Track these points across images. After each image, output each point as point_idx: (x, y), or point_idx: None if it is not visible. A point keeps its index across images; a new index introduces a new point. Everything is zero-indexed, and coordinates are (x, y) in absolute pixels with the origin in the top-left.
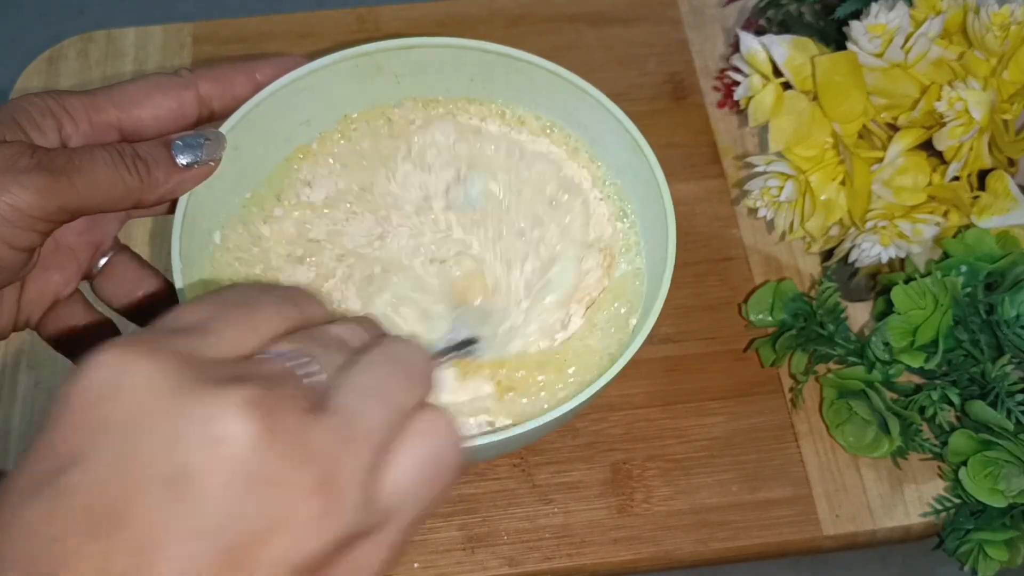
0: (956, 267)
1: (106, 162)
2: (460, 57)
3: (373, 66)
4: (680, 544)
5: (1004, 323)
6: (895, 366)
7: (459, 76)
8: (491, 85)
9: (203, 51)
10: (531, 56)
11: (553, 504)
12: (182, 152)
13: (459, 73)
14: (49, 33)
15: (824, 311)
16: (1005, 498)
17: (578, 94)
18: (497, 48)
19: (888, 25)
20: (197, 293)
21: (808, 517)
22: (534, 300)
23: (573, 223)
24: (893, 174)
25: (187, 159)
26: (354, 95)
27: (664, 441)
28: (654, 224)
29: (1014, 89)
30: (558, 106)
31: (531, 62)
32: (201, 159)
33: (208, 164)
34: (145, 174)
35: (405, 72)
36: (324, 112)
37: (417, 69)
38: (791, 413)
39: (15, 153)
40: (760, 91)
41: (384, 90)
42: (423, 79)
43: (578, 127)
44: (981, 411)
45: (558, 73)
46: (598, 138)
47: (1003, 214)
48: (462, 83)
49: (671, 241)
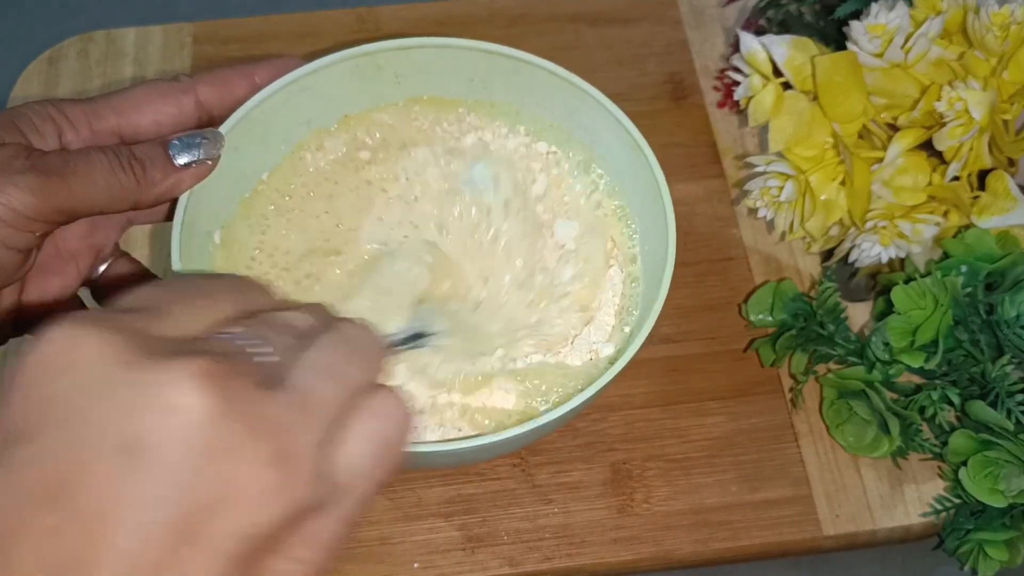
0: (956, 267)
1: (102, 163)
2: (460, 57)
3: (373, 66)
4: (680, 544)
5: (1004, 323)
6: (895, 366)
7: (459, 76)
8: (491, 85)
9: (203, 51)
10: (531, 56)
11: (553, 504)
12: (179, 151)
13: (459, 73)
14: (49, 33)
15: (824, 311)
16: (1005, 498)
17: (578, 95)
18: (498, 48)
19: (888, 25)
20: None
21: (808, 517)
22: (527, 305)
23: (569, 224)
24: (893, 174)
25: (184, 158)
26: (354, 95)
27: (664, 441)
28: (654, 224)
29: (1014, 89)
30: (558, 106)
31: (531, 62)
32: (199, 158)
33: (206, 163)
34: (141, 174)
35: (406, 72)
36: (324, 112)
37: (418, 69)
38: (791, 413)
39: (11, 155)
40: (760, 91)
41: (384, 90)
42: (424, 79)
43: (579, 127)
44: (981, 411)
45: (558, 73)
46: (598, 138)
47: (1003, 214)
48: (462, 83)
49: (671, 242)
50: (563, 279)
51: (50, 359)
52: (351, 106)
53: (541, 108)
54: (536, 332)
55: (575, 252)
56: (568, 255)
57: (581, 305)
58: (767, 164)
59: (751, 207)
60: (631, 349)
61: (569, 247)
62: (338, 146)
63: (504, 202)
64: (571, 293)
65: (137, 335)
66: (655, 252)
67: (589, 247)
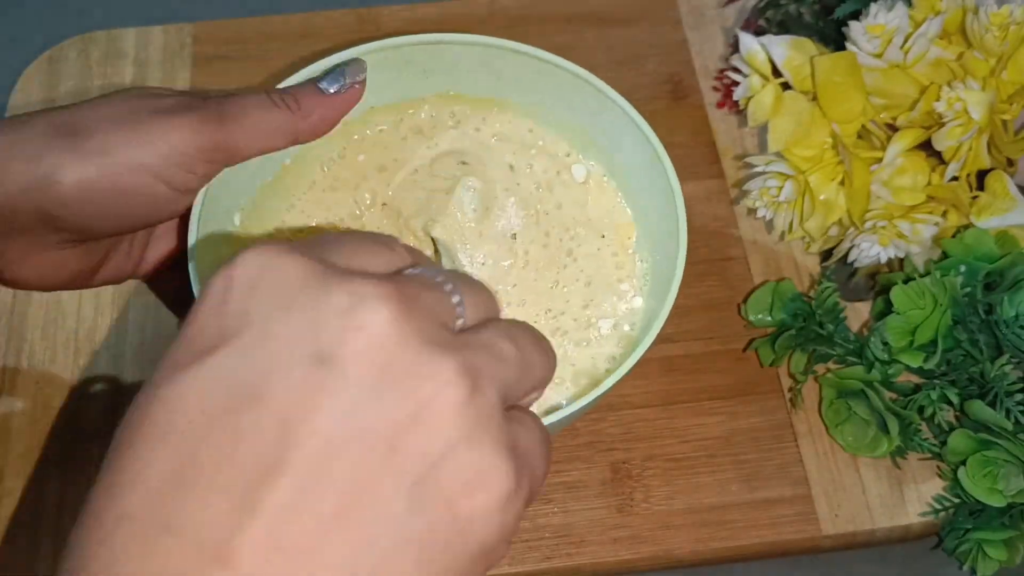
0: (955, 267)
1: (256, 102)
2: (488, 56)
3: (402, 60)
4: (680, 543)
5: (1003, 323)
6: (894, 366)
7: (487, 75)
8: (518, 85)
9: (203, 51)
10: (558, 59)
11: (553, 504)
12: (328, 84)
13: (488, 72)
14: (49, 33)
15: (823, 311)
16: (1004, 498)
17: (600, 99)
18: (527, 49)
19: (887, 25)
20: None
21: (807, 517)
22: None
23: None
24: (892, 174)
25: (334, 87)
26: (381, 87)
27: (663, 441)
28: (660, 227)
29: (1013, 89)
30: (578, 107)
31: (558, 64)
32: (345, 84)
33: (354, 87)
34: (295, 106)
35: (434, 68)
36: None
37: (446, 66)
38: (790, 413)
39: (174, 104)
40: (759, 91)
41: (411, 84)
42: (451, 76)
43: (600, 133)
44: (980, 411)
45: (580, 75)
46: (618, 145)
47: (1002, 214)
48: (489, 82)
49: (681, 247)
50: (571, 284)
51: (243, 278)
52: (377, 98)
53: (565, 110)
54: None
55: (586, 256)
56: (579, 259)
57: (585, 304)
58: (766, 164)
59: (750, 207)
60: (636, 353)
61: (580, 252)
62: (363, 136)
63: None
64: (577, 295)
65: (324, 261)
66: (661, 254)
67: (599, 253)
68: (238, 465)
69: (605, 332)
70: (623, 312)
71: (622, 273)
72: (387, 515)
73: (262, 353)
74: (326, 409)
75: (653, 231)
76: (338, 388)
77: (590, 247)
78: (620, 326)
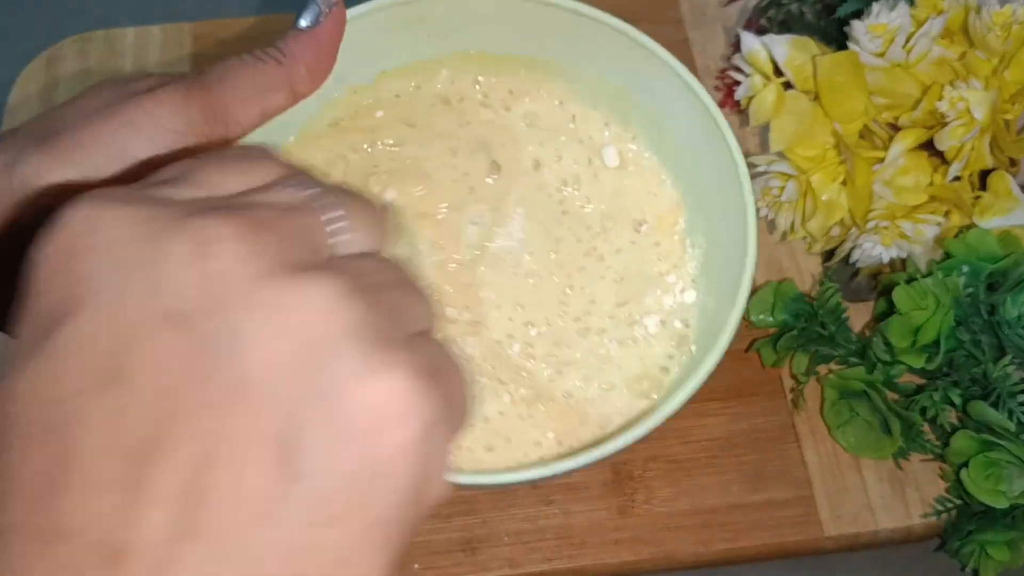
0: (958, 267)
1: (237, 63)
2: (513, 9)
3: (415, 17)
4: (681, 545)
5: (1006, 323)
6: (896, 367)
7: (511, 32)
8: (549, 43)
9: (203, 51)
10: (599, 12)
11: (554, 505)
12: (302, 19)
13: (512, 29)
14: (49, 33)
15: (825, 311)
16: (1007, 499)
17: (649, 58)
18: (566, 3)
19: (889, 25)
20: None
21: (809, 518)
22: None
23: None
24: (894, 174)
25: (309, 18)
26: (391, 49)
27: (665, 442)
28: (717, 206)
29: (1016, 89)
30: (621, 71)
31: (599, 19)
32: (323, 12)
33: (333, 11)
34: (280, 55)
35: (450, 26)
36: (358, 67)
37: (464, 22)
38: (792, 414)
39: (156, 81)
40: (761, 91)
41: (425, 45)
42: (469, 34)
43: (646, 100)
44: (983, 412)
45: (627, 33)
46: (666, 111)
47: (1005, 214)
48: (514, 41)
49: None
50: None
51: (72, 239)
52: (388, 61)
53: (604, 72)
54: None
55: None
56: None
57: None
58: (768, 164)
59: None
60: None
61: (605, 249)
62: (372, 105)
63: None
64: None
65: (160, 203)
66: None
67: (633, 247)
68: (113, 453)
69: (653, 330)
70: (671, 307)
71: (666, 264)
72: (296, 474)
73: (110, 322)
74: (192, 373)
75: (708, 212)
76: (198, 347)
77: (621, 240)
78: (670, 323)
